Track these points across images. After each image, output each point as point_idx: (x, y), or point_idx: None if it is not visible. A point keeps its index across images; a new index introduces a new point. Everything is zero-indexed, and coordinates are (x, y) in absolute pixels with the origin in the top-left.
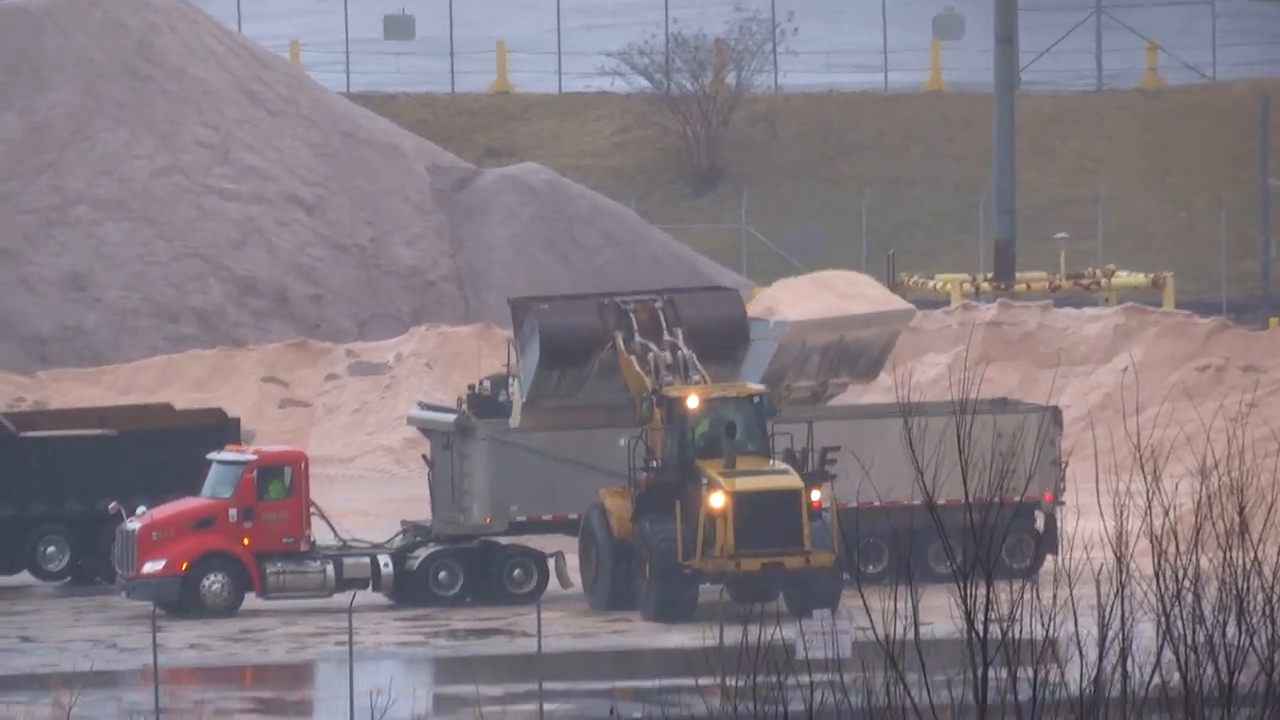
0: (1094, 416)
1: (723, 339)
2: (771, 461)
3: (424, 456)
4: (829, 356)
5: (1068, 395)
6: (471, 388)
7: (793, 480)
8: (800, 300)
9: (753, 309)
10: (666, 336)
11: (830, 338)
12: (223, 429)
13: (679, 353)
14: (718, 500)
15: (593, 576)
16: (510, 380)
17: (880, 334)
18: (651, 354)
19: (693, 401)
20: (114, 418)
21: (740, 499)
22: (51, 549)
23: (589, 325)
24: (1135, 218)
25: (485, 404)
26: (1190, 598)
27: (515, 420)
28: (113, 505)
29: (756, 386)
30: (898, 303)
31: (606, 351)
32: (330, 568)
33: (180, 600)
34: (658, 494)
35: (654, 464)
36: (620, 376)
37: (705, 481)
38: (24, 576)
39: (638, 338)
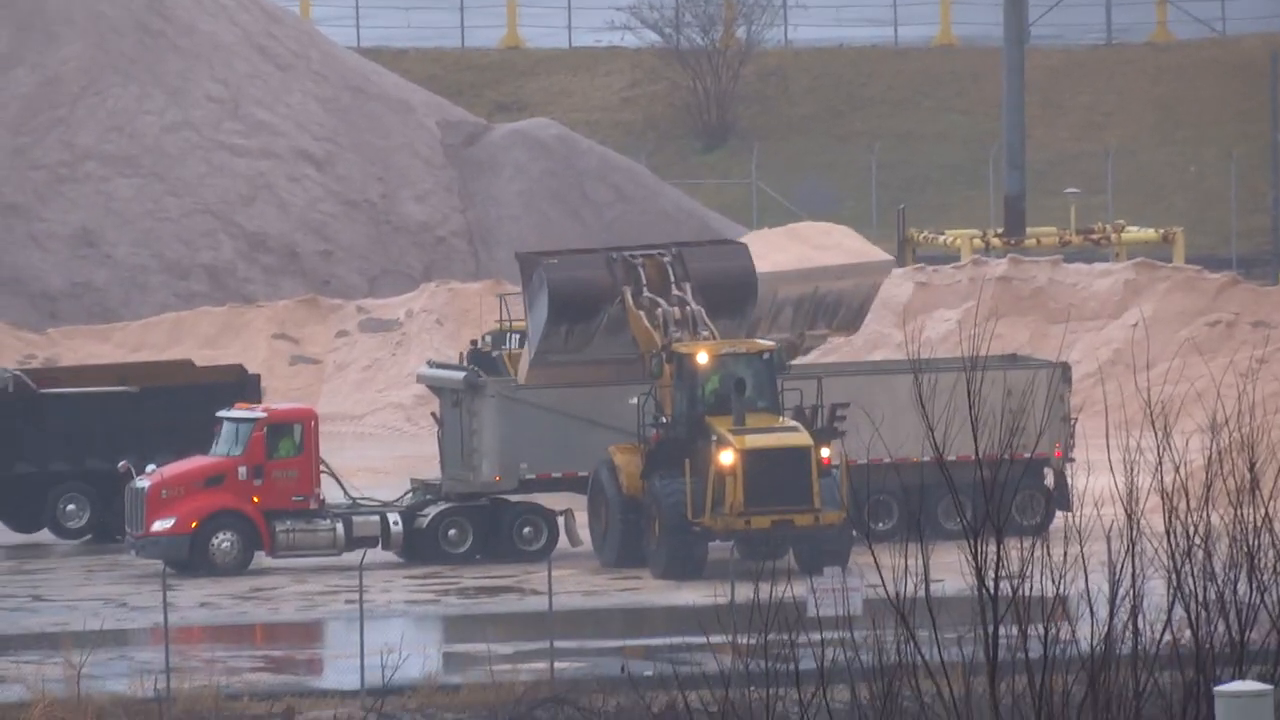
0: (1104, 372)
1: (731, 293)
2: (781, 418)
3: (433, 414)
4: (803, 308)
5: (1078, 351)
6: (473, 343)
7: (802, 437)
8: (772, 252)
9: None
10: (675, 291)
11: (803, 289)
12: (243, 385)
13: (688, 308)
14: (727, 457)
15: (602, 534)
16: (508, 336)
17: (858, 285)
18: (660, 309)
19: (702, 357)
20: (134, 374)
21: (750, 456)
22: (72, 507)
23: (597, 280)
24: (1145, 172)
25: (486, 359)
26: (1201, 554)
27: (522, 375)
28: (122, 464)
29: (766, 342)
30: (875, 254)
31: (615, 307)
32: (340, 526)
33: (190, 558)
34: (667, 451)
35: (663, 420)
36: (628, 331)
37: (715, 438)
38: (44, 535)
39: (646, 293)
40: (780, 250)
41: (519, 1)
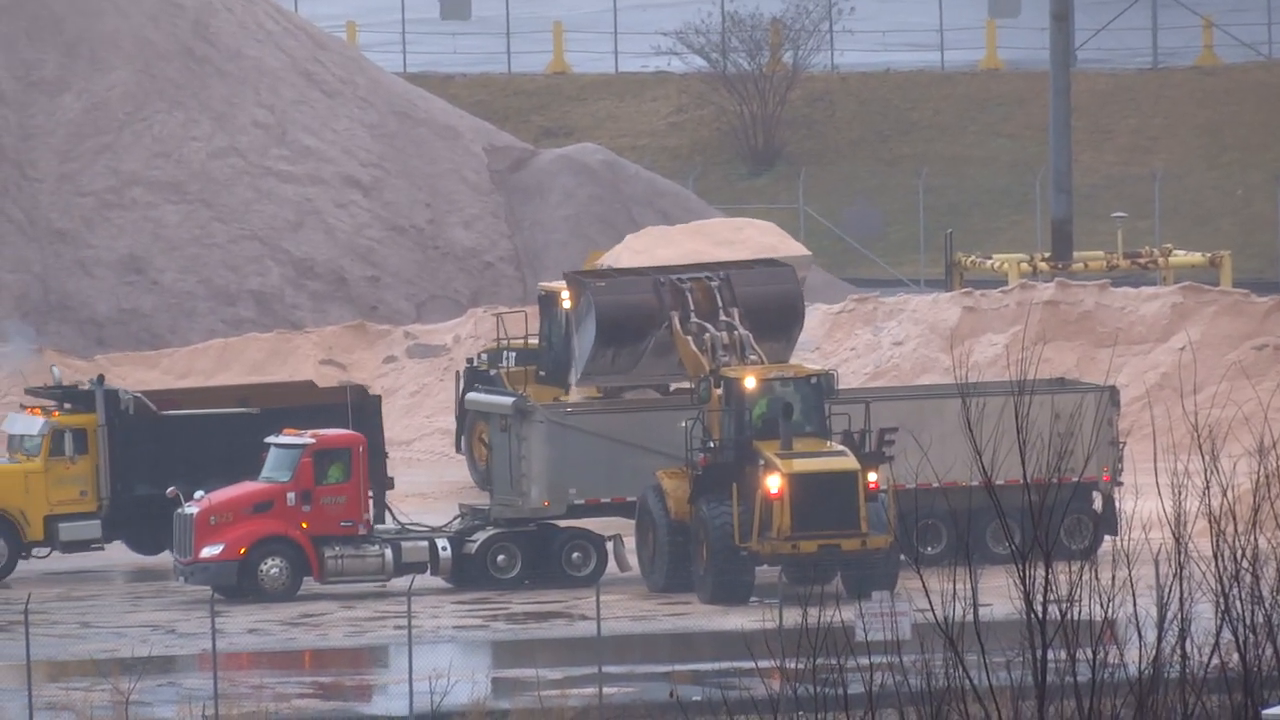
0: (1152, 396)
1: (777, 315)
2: (829, 443)
3: (481, 439)
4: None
5: (1125, 375)
6: (469, 361)
7: (850, 462)
8: (657, 247)
9: (605, 259)
10: (723, 316)
11: None
12: (364, 405)
13: (735, 332)
14: (774, 482)
15: (650, 558)
16: (505, 354)
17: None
18: (708, 334)
19: (750, 382)
20: (255, 395)
21: (797, 481)
22: None
23: (645, 304)
24: (1192, 196)
25: (481, 377)
26: (1249, 578)
27: (572, 394)
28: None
29: (814, 367)
30: (789, 249)
31: (662, 331)
32: (389, 551)
33: (238, 584)
34: (715, 475)
35: (711, 445)
36: (675, 354)
37: (762, 463)
38: (165, 557)
39: (694, 318)
40: (668, 245)
41: (566, 27)
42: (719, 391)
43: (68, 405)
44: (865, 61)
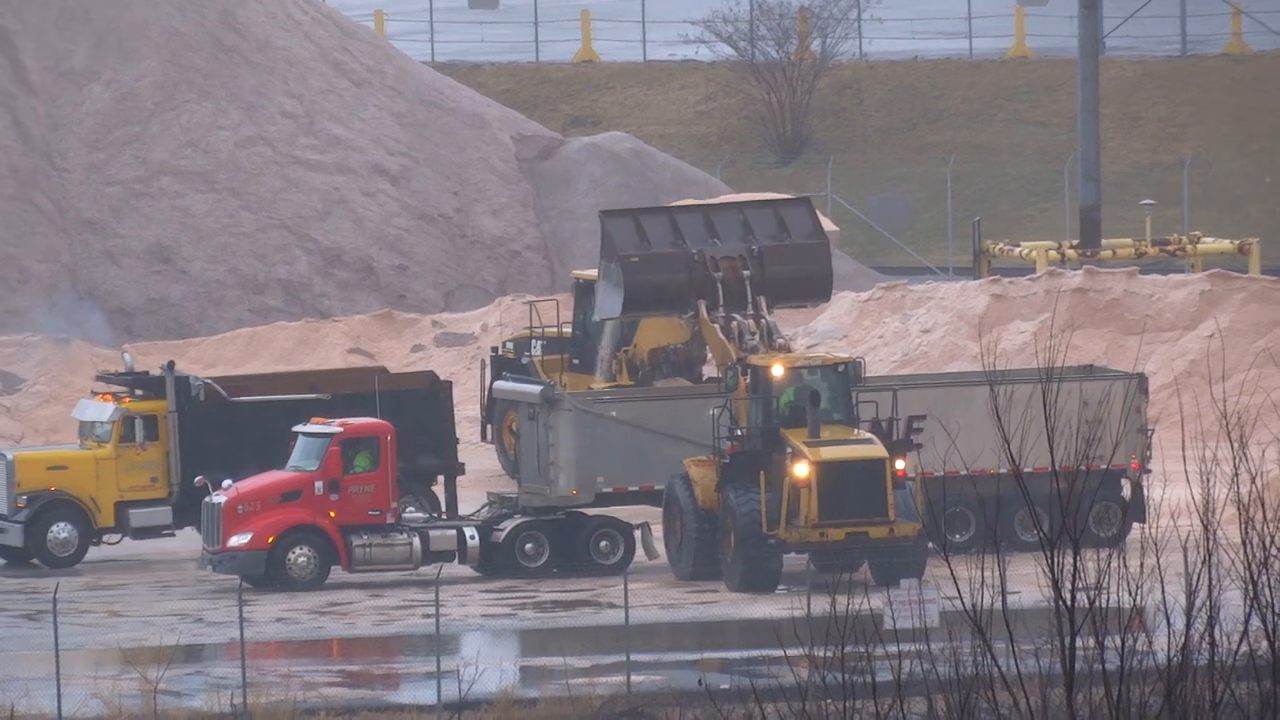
0: (1180, 383)
1: (803, 295)
2: (856, 430)
3: (510, 428)
4: None
5: (1153, 362)
6: (494, 349)
7: (877, 449)
8: None
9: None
10: (750, 309)
11: None
12: (435, 392)
13: (762, 320)
14: (802, 470)
15: (677, 547)
16: (533, 342)
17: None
18: (735, 322)
19: (778, 370)
20: (326, 381)
21: (824, 468)
22: None
23: (675, 286)
24: (1220, 184)
25: (508, 365)
26: (1278, 565)
27: (600, 372)
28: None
29: (841, 355)
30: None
31: (689, 318)
32: (416, 540)
33: (266, 573)
34: (742, 463)
35: (739, 433)
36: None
37: (789, 451)
38: None
39: (722, 307)
40: None
41: (594, 16)
42: (746, 379)
43: (139, 392)
44: (893, 49)
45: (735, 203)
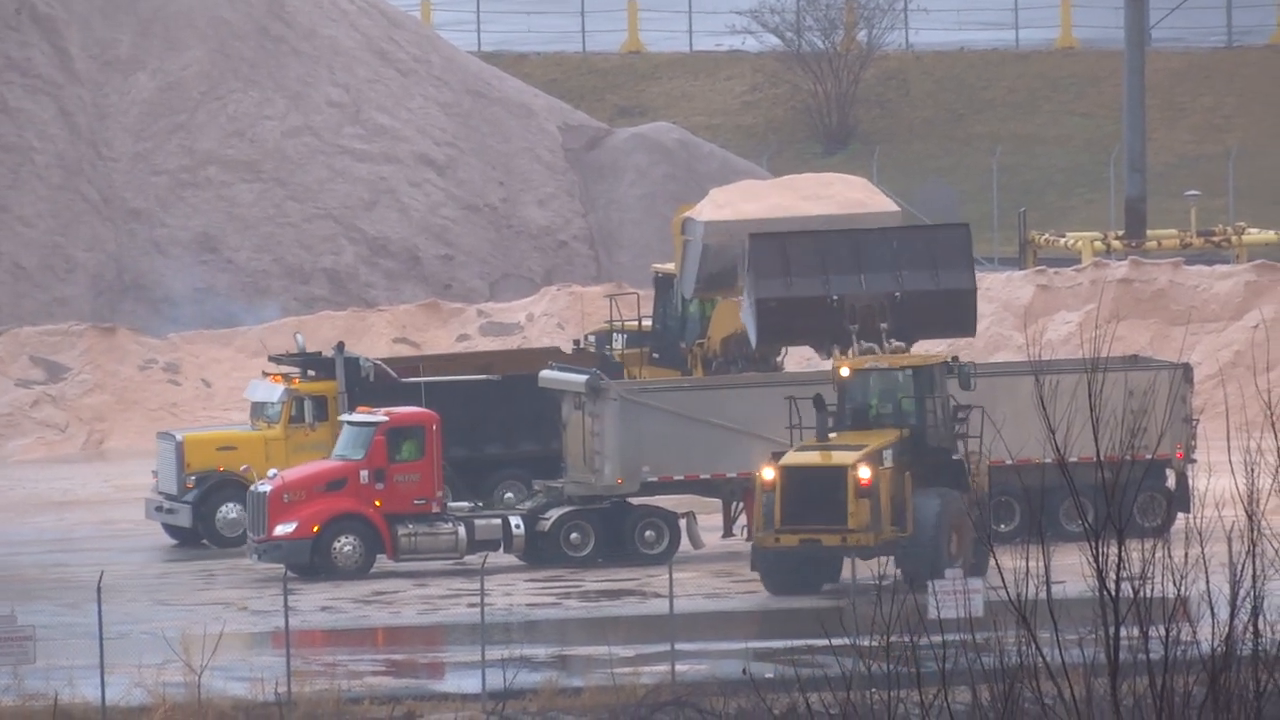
0: (1225, 374)
1: (944, 335)
2: (876, 436)
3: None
4: None
5: (1199, 352)
6: (576, 343)
7: (842, 457)
8: (742, 200)
9: (695, 210)
10: (879, 348)
11: None
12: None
13: (891, 345)
14: (768, 474)
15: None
16: (615, 335)
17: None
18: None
19: (844, 371)
20: (498, 362)
21: (786, 474)
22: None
23: (810, 331)
24: (1266, 174)
25: (589, 359)
26: None
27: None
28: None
29: (918, 356)
30: (879, 204)
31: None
32: (462, 529)
33: (311, 562)
34: None
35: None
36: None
37: (772, 454)
38: None
39: (855, 345)
40: (753, 200)
41: (640, 6)
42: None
43: (310, 373)
44: (940, 40)
45: (887, 230)
